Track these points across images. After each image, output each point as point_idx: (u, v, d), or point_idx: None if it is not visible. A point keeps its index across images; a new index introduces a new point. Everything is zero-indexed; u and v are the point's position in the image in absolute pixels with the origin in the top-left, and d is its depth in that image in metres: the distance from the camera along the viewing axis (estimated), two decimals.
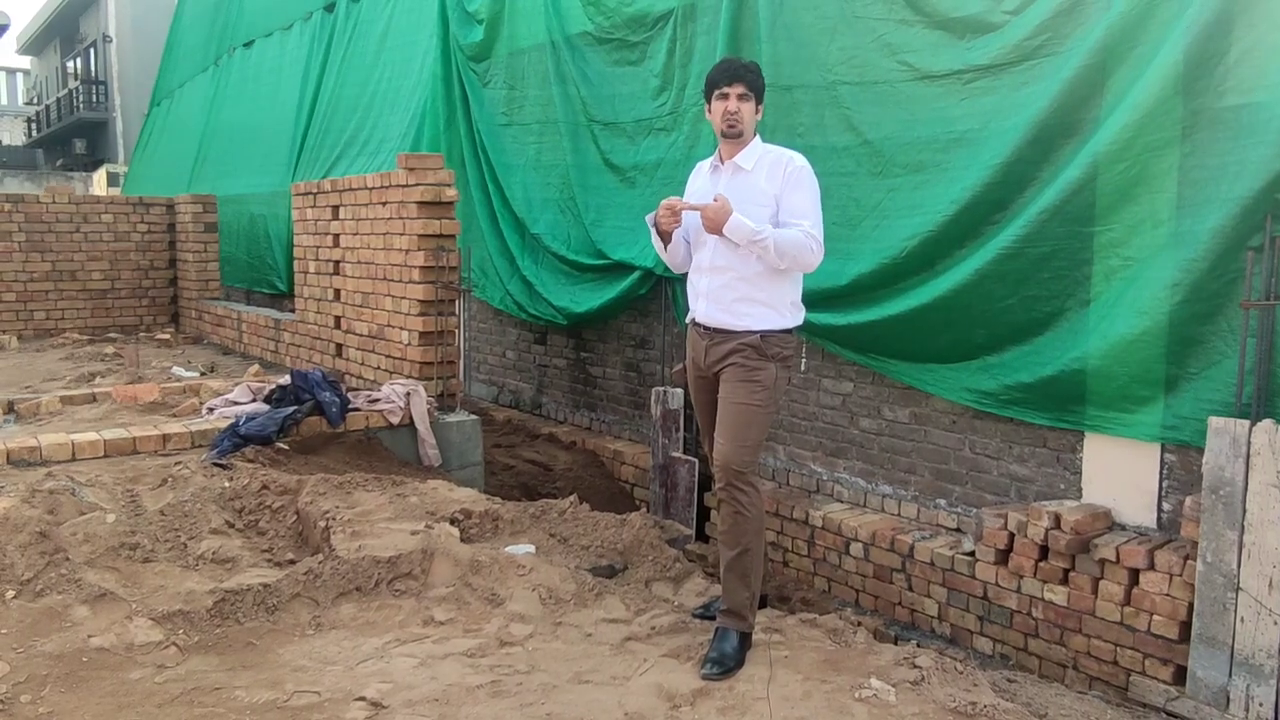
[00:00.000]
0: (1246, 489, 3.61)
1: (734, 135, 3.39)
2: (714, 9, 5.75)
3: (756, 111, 3.42)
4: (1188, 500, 3.91)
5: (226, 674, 3.03)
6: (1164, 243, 3.96)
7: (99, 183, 23.46)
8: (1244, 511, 3.61)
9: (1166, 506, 4.13)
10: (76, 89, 31.23)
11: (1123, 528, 4.24)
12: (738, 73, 3.39)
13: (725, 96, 3.37)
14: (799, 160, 3.38)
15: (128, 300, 10.55)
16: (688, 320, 3.57)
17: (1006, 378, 4.52)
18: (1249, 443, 3.60)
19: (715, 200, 3.28)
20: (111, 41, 27.94)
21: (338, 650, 3.20)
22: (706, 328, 3.43)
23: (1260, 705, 3.58)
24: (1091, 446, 4.35)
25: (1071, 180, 4.14)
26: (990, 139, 4.44)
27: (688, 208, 3.36)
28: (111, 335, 10.00)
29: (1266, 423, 3.59)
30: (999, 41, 4.42)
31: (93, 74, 30.49)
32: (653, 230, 3.53)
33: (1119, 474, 4.26)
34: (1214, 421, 3.71)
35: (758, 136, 3.45)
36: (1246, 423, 3.62)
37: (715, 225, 3.27)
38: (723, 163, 3.46)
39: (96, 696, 2.86)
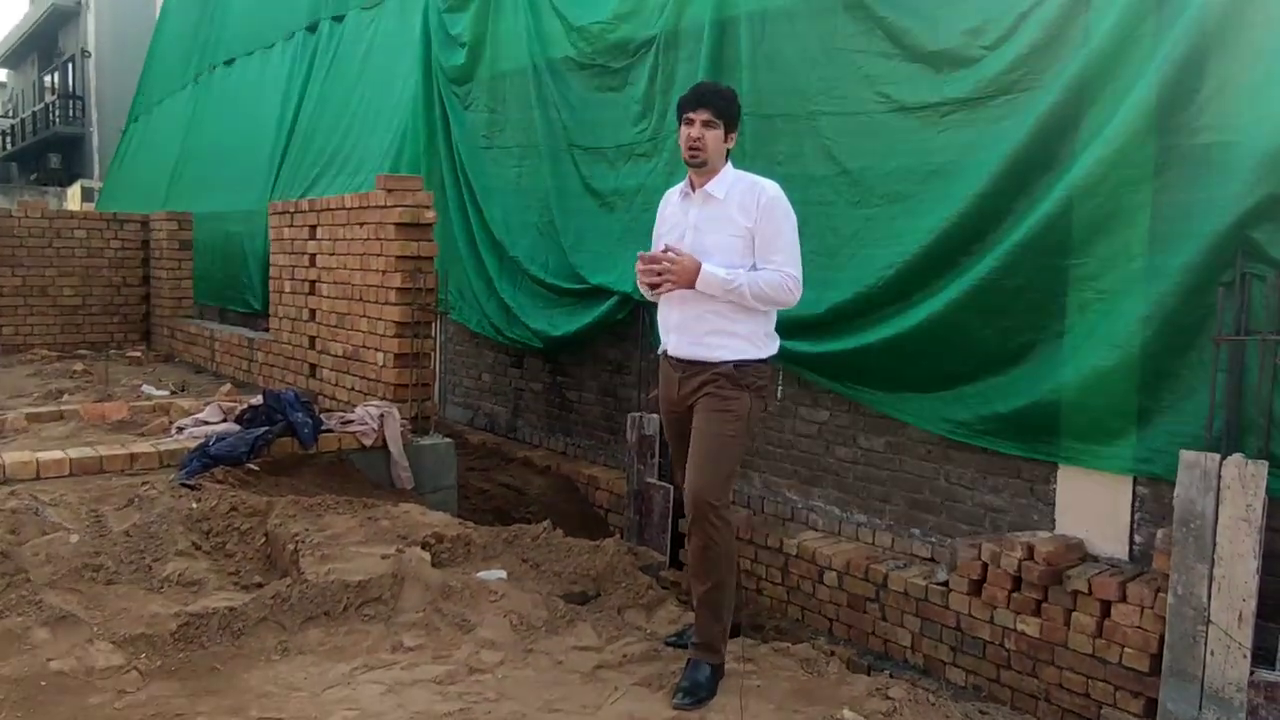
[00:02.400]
0: (1217, 522, 3.63)
1: (696, 164, 3.27)
2: (696, 37, 5.79)
3: (727, 140, 3.30)
4: (1159, 533, 3.93)
5: (189, 700, 2.97)
6: (1137, 277, 3.99)
7: (73, 198, 23.24)
8: (1214, 545, 3.63)
9: (1138, 539, 4.15)
10: (53, 103, 31.01)
11: (1095, 559, 4.25)
12: (705, 98, 3.25)
13: (690, 122, 3.25)
14: (771, 190, 3.27)
15: (99, 317, 10.43)
16: (659, 352, 3.50)
17: (981, 408, 4.54)
18: (1219, 476, 3.62)
19: (680, 254, 3.20)
20: (90, 56, 27.80)
21: (304, 676, 3.14)
22: (679, 360, 3.35)
23: None
24: (1065, 478, 4.37)
25: (1046, 214, 4.18)
26: (967, 171, 4.48)
27: (663, 259, 3.24)
28: (81, 352, 9.87)
29: (1236, 457, 3.62)
30: (976, 75, 4.47)
31: (70, 89, 30.30)
32: (645, 290, 3.44)
33: (1092, 506, 4.27)
34: (1185, 455, 3.73)
35: (729, 163, 3.35)
36: (1217, 456, 3.65)
37: (686, 283, 3.19)
38: (693, 190, 3.35)
39: None
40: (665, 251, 3.30)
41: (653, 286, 3.35)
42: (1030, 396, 4.33)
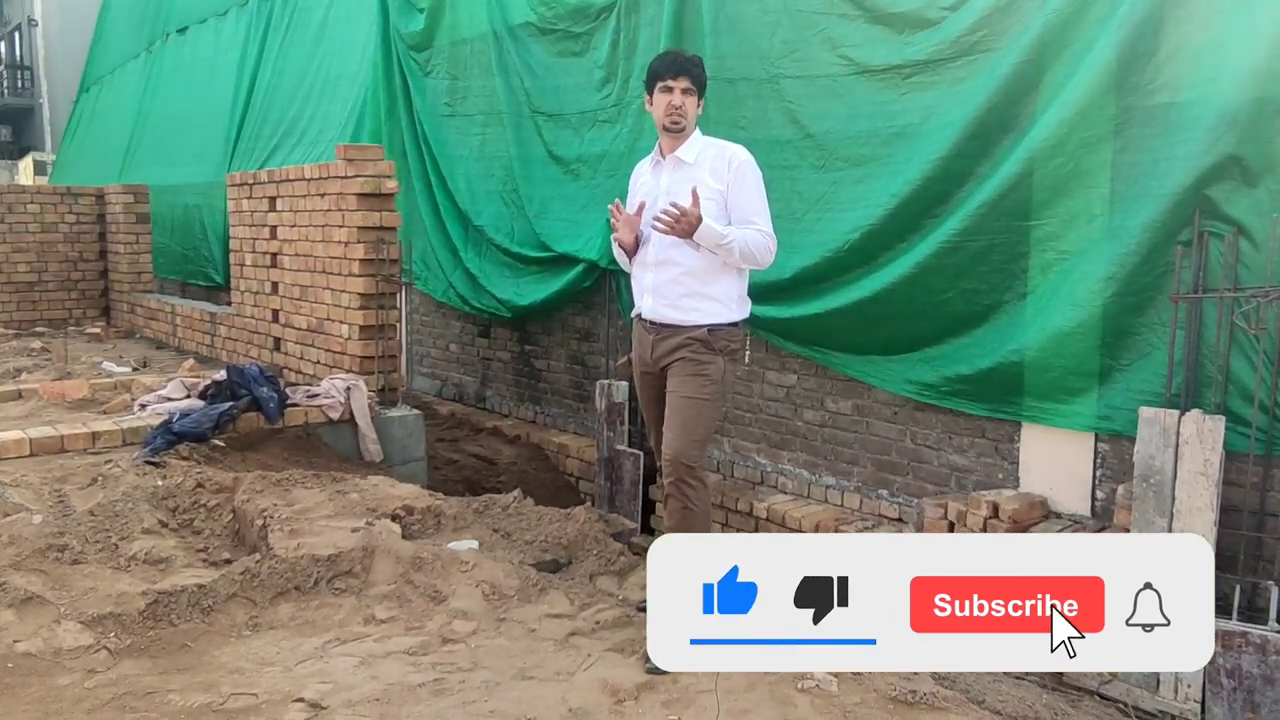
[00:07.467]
0: (1176, 477, 3.70)
1: (677, 130, 3.35)
2: (657, 1, 5.73)
3: (698, 105, 3.40)
4: (1120, 489, 4.00)
5: (159, 677, 2.96)
6: (1098, 237, 4.04)
7: (25, 172, 22.71)
8: (1173, 499, 3.70)
9: (1100, 495, 4.23)
10: (1, 74, 30.20)
11: (1058, 516, 4.33)
12: (683, 66, 3.35)
13: (669, 90, 3.33)
14: (742, 155, 3.36)
15: (56, 293, 10.24)
16: (633, 315, 3.55)
17: (946, 369, 4.58)
18: (1178, 432, 3.69)
19: (675, 205, 3.22)
20: (38, 25, 27.04)
21: (276, 651, 3.14)
22: (653, 323, 3.41)
23: (1188, 687, 3.68)
24: (1028, 437, 4.43)
25: (1009, 175, 4.20)
26: (930, 133, 4.49)
27: (673, 208, 3.24)
28: (39, 329, 9.70)
29: (1194, 413, 3.69)
30: (936, 37, 4.46)
31: (18, 59, 29.50)
32: (618, 249, 3.49)
33: (1055, 463, 4.34)
34: (1145, 412, 3.80)
35: (698, 129, 3.43)
36: (1176, 413, 3.72)
37: (687, 233, 3.23)
38: (664, 157, 3.43)
39: (23, 704, 2.77)
40: (640, 212, 3.38)
41: (627, 250, 3.38)
42: (994, 357, 4.37)
